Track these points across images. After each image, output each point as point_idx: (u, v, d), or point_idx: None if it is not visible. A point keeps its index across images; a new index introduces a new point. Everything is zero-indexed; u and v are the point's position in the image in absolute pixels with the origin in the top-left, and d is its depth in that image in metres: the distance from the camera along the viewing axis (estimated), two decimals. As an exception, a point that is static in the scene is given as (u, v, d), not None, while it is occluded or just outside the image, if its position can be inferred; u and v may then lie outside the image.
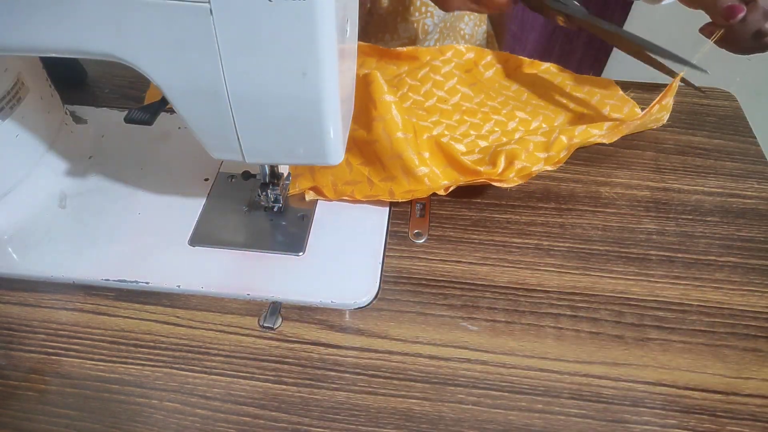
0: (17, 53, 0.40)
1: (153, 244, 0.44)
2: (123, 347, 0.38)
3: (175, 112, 0.33)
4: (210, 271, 0.42)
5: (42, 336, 0.39)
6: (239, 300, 0.41)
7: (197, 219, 0.45)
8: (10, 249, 0.43)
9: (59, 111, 0.49)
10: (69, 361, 0.38)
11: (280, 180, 0.44)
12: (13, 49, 0.32)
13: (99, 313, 0.40)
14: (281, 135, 0.34)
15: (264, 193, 0.44)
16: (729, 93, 0.60)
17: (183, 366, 0.38)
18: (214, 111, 0.32)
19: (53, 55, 0.32)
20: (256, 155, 0.35)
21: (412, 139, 0.43)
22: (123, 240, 0.44)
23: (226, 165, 0.49)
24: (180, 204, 0.46)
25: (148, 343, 0.39)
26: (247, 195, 0.47)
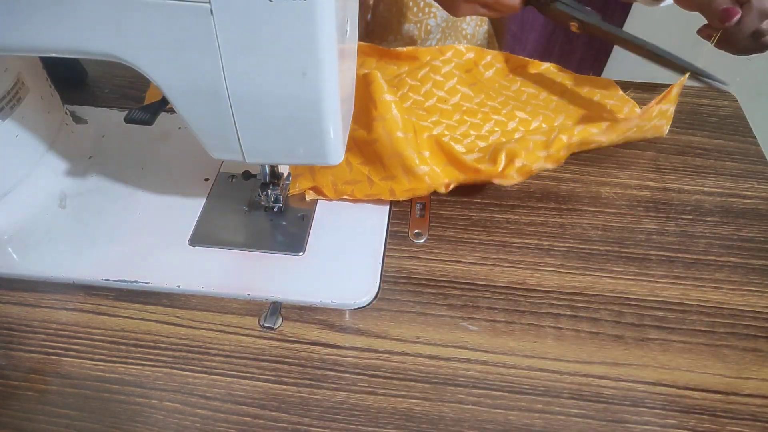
0: (17, 53, 0.40)
1: (153, 244, 0.44)
2: (123, 347, 0.39)
3: (175, 112, 0.33)
4: (210, 271, 0.42)
5: (42, 336, 0.39)
6: (239, 300, 0.41)
7: (197, 219, 0.45)
8: (10, 249, 0.43)
9: (59, 111, 0.49)
10: (69, 361, 0.38)
11: (280, 180, 0.44)
12: (13, 49, 0.32)
13: (99, 313, 0.40)
14: (281, 135, 0.34)
15: (264, 193, 0.44)
16: (729, 93, 0.60)
17: (183, 366, 0.38)
18: (214, 111, 0.32)
19: (53, 55, 0.32)
20: (256, 155, 0.36)
21: (412, 139, 0.43)
22: (123, 240, 0.44)
23: (226, 165, 0.49)
24: (180, 204, 0.46)
25: (148, 343, 0.39)
26: (248, 195, 0.47)
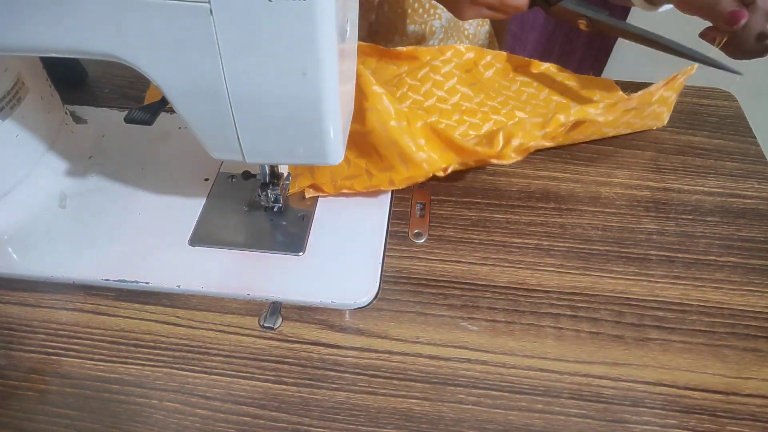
0: (17, 53, 0.40)
1: (153, 244, 0.44)
2: (123, 347, 0.39)
3: (175, 112, 0.33)
4: (210, 271, 0.42)
5: (42, 336, 0.39)
6: (239, 300, 0.41)
7: (197, 219, 0.45)
8: (10, 249, 0.43)
9: (59, 111, 0.49)
10: (69, 361, 0.38)
11: (280, 180, 0.44)
12: (13, 49, 0.32)
13: (99, 313, 0.40)
14: (281, 135, 0.34)
15: (264, 193, 0.44)
16: (729, 93, 0.60)
17: (183, 366, 0.38)
18: (214, 111, 0.32)
19: (53, 55, 0.32)
20: (256, 155, 0.36)
21: (406, 127, 0.43)
22: (123, 240, 0.44)
23: (226, 165, 0.49)
24: (180, 204, 0.46)
25: (148, 343, 0.39)
26: (247, 195, 0.47)
